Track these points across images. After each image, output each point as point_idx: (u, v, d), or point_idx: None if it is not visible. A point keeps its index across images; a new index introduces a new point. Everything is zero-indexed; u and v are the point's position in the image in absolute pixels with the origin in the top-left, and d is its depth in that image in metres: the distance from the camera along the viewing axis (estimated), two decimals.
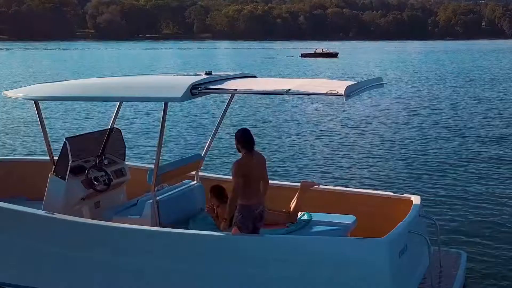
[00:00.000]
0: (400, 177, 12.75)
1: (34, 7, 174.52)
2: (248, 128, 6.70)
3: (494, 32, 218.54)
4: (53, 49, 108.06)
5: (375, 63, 65.78)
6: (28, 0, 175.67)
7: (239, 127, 6.76)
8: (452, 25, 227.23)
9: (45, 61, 66.77)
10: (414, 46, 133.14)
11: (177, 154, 13.77)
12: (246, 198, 6.37)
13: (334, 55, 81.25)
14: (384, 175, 12.93)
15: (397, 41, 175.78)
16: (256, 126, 18.79)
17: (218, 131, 8.30)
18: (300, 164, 14.12)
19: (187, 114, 21.48)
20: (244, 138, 6.46)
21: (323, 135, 18.09)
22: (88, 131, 9.98)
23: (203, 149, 8.28)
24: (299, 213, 7.30)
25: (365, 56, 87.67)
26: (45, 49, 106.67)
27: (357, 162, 14.30)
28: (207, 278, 6.34)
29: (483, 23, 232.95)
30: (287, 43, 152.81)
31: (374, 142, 16.96)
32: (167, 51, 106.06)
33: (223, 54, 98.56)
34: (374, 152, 15.52)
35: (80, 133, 9.23)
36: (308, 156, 15.15)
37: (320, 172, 13.07)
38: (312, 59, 75.72)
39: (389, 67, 57.61)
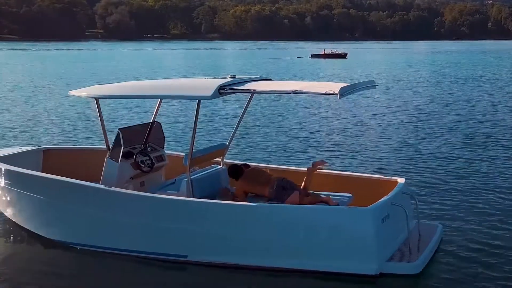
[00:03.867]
0: (390, 163, 14.38)
1: (44, 7, 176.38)
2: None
3: (500, 32, 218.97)
4: (64, 49, 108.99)
5: (383, 63, 66.80)
6: (38, 1, 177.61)
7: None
8: (458, 25, 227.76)
9: (59, 62, 68.06)
10: (421, 47, 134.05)
11: (206, 142, 15.61)
12: None
13: (343, 55, 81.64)
14: (376, 161, 14.61)
15: (403, 41, 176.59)
16: (270, 120, 20.69)
17: (240, 124, 9.96)
18: (307, 152, 15.81)
19: (214, 110, 23.65)
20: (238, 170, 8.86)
21: (326, 128, 19.83)
22: (133, 124, 11.59)
23: (228, 139, 9.92)
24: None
25: (373, 56, 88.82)
26: (56, 49, 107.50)
27: (354, 151, 16.01)
28: (229, 240, 7.93)
29: (489, 24, 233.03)
30: (294, 43, 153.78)
31: (370, 134, 18.74)
32: (176, 51, 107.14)
33: (232, 55, 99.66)
34: (369, 142, 17.25)
35: (127, 125, 10.90)
36: (313, 145, 16.89)
37: (324, 159, 14.87)
38: (322, 59, 76.54)
39: (396, 66, 58.94)
